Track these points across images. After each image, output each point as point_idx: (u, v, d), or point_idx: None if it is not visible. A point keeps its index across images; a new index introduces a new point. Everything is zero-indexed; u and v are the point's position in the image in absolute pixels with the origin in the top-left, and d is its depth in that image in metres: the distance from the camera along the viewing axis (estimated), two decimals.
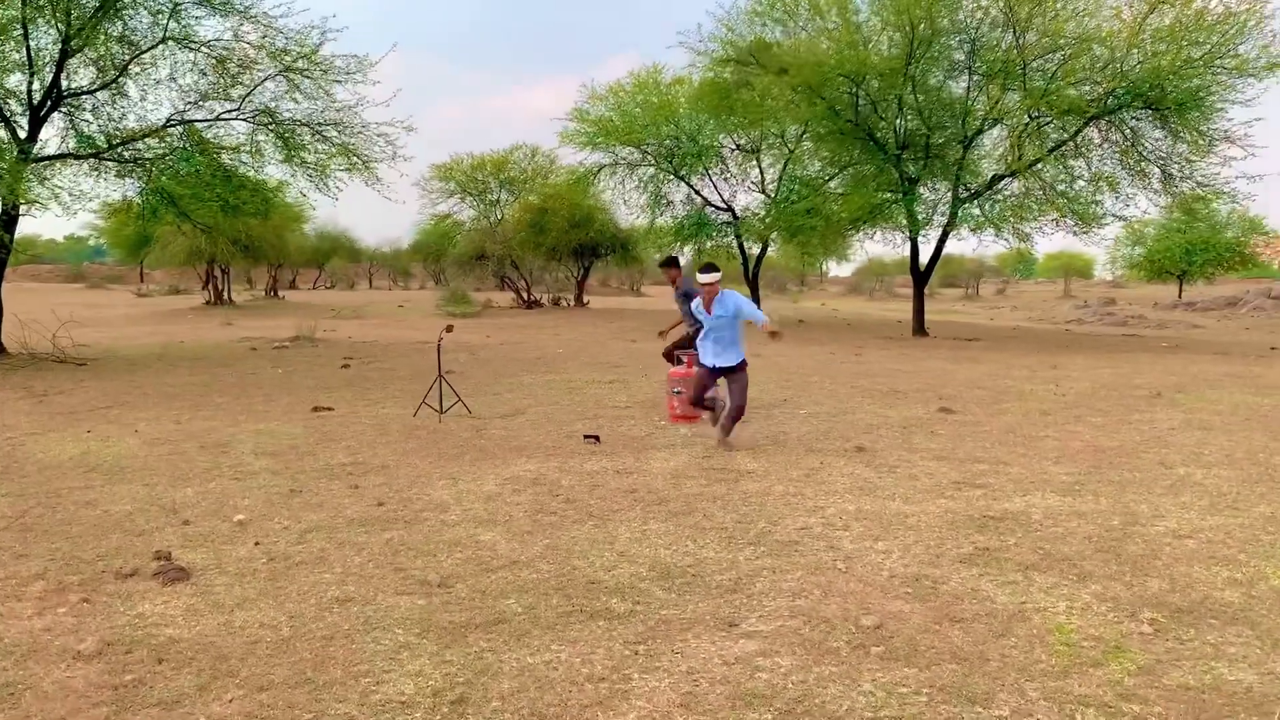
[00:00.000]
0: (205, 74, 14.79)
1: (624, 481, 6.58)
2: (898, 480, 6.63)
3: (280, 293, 39.74)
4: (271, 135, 15.14)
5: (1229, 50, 16.94)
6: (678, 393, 9.01)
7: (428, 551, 4.98)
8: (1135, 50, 17.60)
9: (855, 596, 4.29)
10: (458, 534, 5.31)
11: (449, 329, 9.80)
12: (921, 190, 21.22)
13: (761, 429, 8.66)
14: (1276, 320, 33.32)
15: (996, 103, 19.90)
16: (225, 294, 32.32)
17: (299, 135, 15.12)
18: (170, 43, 15.10)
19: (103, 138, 15.47)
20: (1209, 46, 17.06)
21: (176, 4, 14.85)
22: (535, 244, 30.81)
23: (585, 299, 34.42)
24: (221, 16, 15.13)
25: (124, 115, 15.74)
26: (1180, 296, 48.40)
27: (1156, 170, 19.19)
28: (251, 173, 15.62)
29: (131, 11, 14.79)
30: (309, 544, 5.12)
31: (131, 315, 27.94)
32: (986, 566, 4.72)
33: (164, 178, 14.45)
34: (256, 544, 5.13)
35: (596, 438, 8.08)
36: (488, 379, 12.56)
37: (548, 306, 32.92)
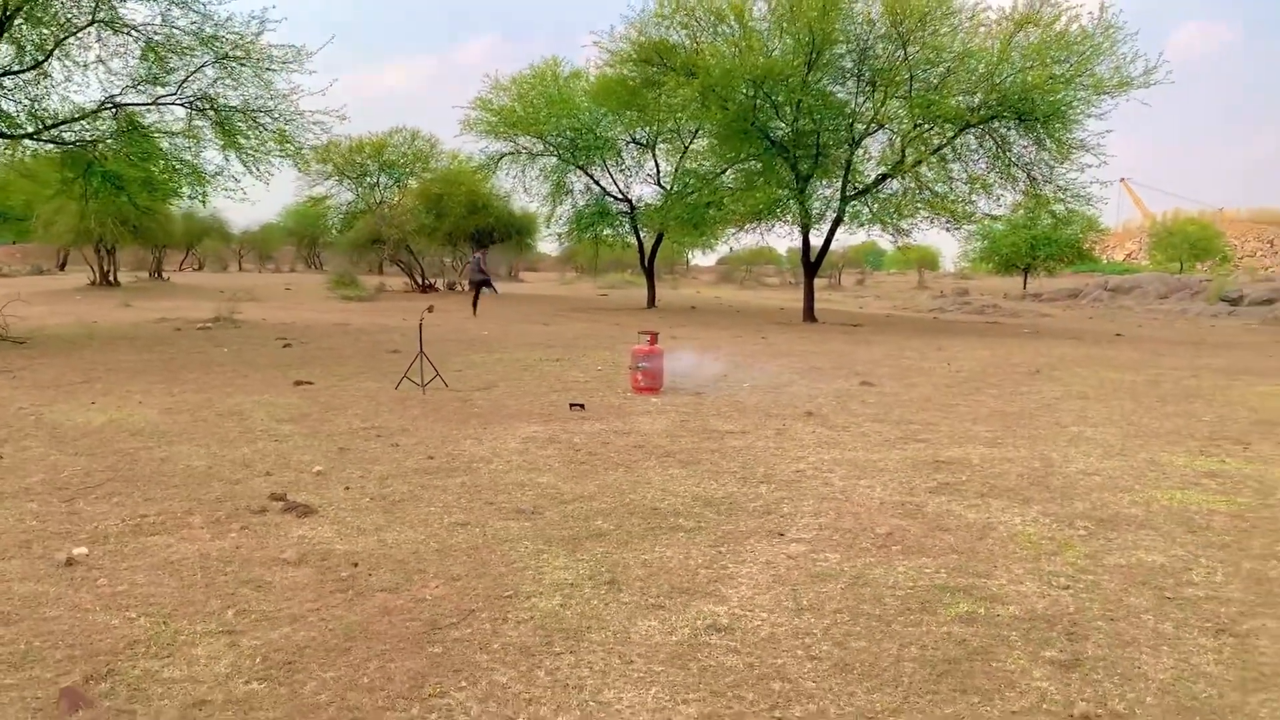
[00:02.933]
0: (143, 58, 14.97)
1: (627, 440, 7.66)
2: (853, 437, 7.93)
3: (165, 274, 38.83)
4: (209, 121, 15.45)
5: (1087, 69, 19.15)
6: (641, 366, 10.11)
7: (502, 490, 5.97)
8: (1006, 65, 19.61)
9: (862, 516, 5.51)
10: (517, 478, 6.30)
11: (430, 309, 10.63)
12: (814, 187, 22.86)
13: (721, 398, 9.87)
14: (1114, 310, 36.69)
15: (881, 107, 21.68)
16: (112, 275, 31.56)
17: (235, 121, 15.46)
18: (99, 25, 15.21)
19: (25, 117, 15.47)
20: (1070, 64, 19.22)
21: None
22: (432, 229, 31.28)
23: None
24: (152, 0, 15.32)
25: (46, 95, 15.74)
26: (1026, 288, 52.10)
27: (1023, 174, 21.40)
28: (189, 156, 15.88)
29: None
30: (394, 487, 6.03)
31: (12, 296, 27.04)
32: (951, 496, 6.03)
33: (114, 161, 14.59)
34: (346, 489, 6.00)
35: (582, 405, 9.12)
36: (437, 358, 13.23)
37: (443, 291, 33.41)
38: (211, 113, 15.37)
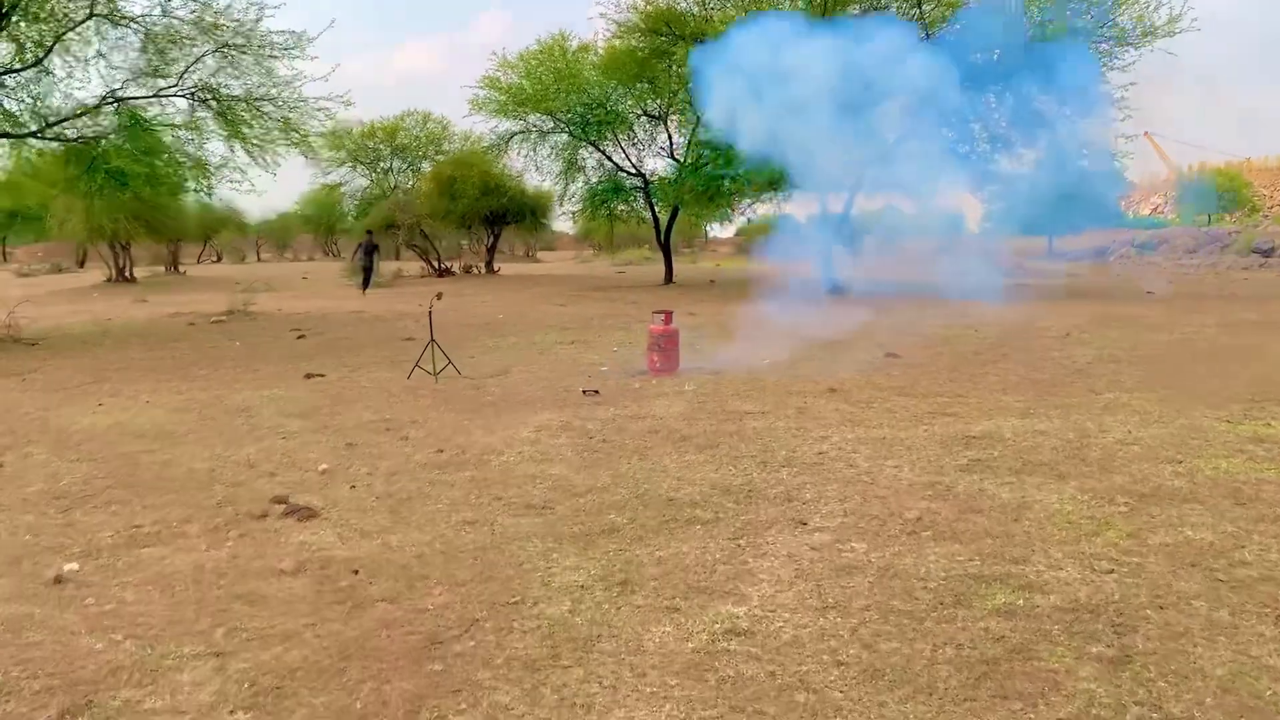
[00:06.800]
0: (144, 50, 14.76)
1: (643, 424, 7.40)
2: (877, 414, 7.63)
3: (181, 268, 38.86)
4: (212, 112, 15.24)
5: (1109, 20, 18.60)
6: (659, 347, 9.83)
7: (512, 484, 5.73)
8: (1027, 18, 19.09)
9: (889, 500, 5.24)
10: (528, 470, 6.06)
11: (439, 296, 10.39)
12: None
13: (740, 376, 9.58)
14: (1142, 266, 35.99)
15: None
16: (127, 270, 31.55)
17: (238, 110, 15.25)
18: (97, 19, 15.00)
19: (29, 116, 15.31)
20: (1091, 17, 18.68)
21: None
22: (446, 212, 31.04)
23: (496, 266, 34.80)
24: None
25: (48, 93, 15.57)
26: (1051, 247, 51.27)
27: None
28: (192, 149, 15.70)
29: None
30: (400, 484, 5.81)
31: (33, 295, 27.08)
32: (983, 474, 5.74)
33: (118, 157, 14.44)
34: (352, 487, 5.79)
35: (596, 391, 8.86)
36: (453, 343, 13.05)
37: (459, 275, 33.18)
38: (214, 103, 15.16)
